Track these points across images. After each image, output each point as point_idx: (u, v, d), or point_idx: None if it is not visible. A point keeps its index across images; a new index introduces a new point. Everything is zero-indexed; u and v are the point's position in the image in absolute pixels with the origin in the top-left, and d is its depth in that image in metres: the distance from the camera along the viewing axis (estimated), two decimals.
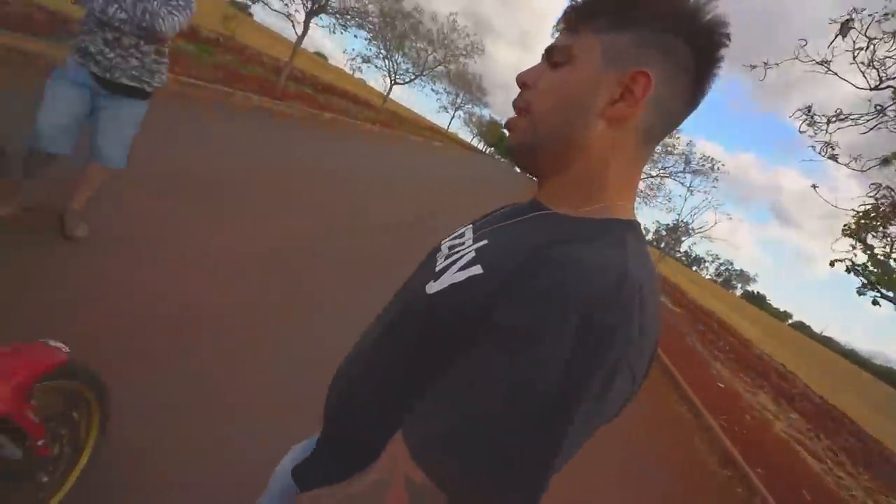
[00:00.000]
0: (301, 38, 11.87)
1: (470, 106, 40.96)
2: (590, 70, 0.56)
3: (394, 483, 0.45)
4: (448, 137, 46.68)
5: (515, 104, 0.61)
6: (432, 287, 0.55)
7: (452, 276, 0.54)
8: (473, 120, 52.60)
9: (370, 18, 13.65)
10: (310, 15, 11.62)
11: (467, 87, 34.28)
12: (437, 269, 0.59)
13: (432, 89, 24.34)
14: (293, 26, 11.95)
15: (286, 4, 11.47)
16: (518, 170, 0.73)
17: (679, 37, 0.53)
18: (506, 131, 0.64)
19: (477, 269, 0.52)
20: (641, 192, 17.87)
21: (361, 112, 18.02)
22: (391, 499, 0.44)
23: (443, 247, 0.69)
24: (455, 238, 0.69)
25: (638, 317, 0.43)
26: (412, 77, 20.11)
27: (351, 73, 18.96)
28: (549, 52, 0.60)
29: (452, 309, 0.51)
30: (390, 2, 13.78)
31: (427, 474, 0.43)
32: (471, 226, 0.72)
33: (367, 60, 17.86)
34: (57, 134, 2.23)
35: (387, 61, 18.31)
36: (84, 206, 2.47)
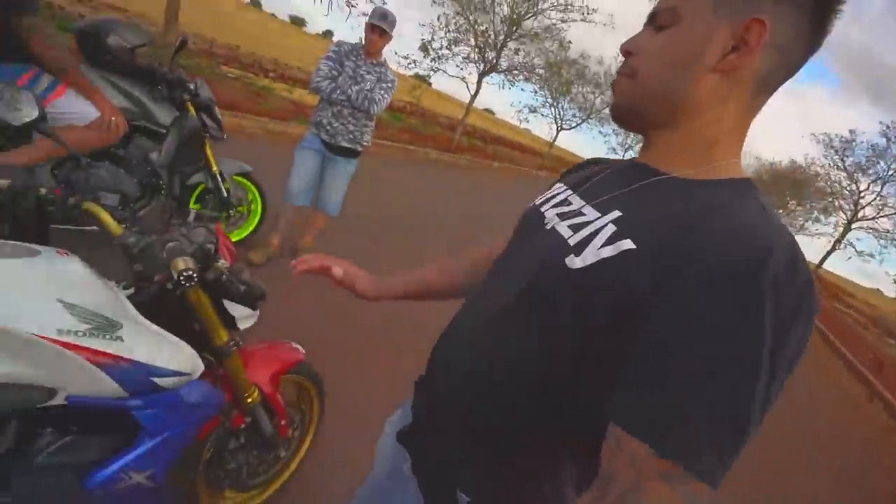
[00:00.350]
0: (474, 97, 13.11)
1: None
2: (699, 26, 0.54)
3: (648, 486, 0.43)
4: None
5: (619, 72, 0.61)
6: (576, 262, 0.53)
7: (599, 252, 0.52)
8: None
9: (536, 71, 14.27)
10: (482, 76, 12.86)
11: None
12: (572, 241, 0.56)
13: (600, 132, 23.75)
14: (467, 87, 13.28)
15: (460, 69, 12.84)
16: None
17: None
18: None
19: (628, 244, 0.51)
20: None
21: (528, 159, 18.67)
22: (652, 500, 0.42)
23: (547, 213, 0.67)
24: (559, 204, 0.67)
25: (811, 276, 0.45)
26: (579, 121, 20.08)
27: (518, 123, 19.84)
28: (653, 17, 0.58)
29: (609, 285, 0.50)
30: (556, 52, 14.20)
31: (683, 466, 0.42)
32: (566, 189, 0.70)
33: (533, 110, 18.56)
34: (303, 191, 3.00)
35: (553, 108, 18.72)
36: (312, 243, 3.20)
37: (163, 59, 2.69)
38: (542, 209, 0.69)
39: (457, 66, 12.73)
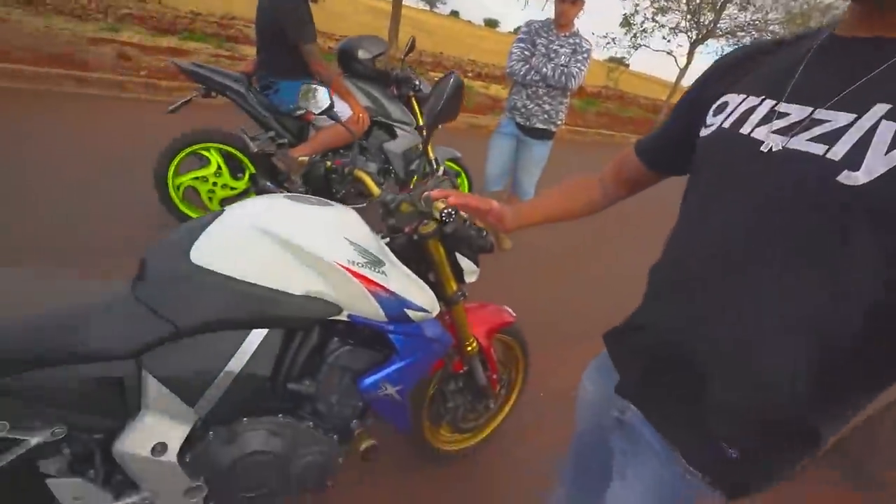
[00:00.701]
0: (683, 70, 11.52)
1: None
2: None
3: None
4: None
5: None
6: (857, 177, 0.45)
7: (887, 158, 0.44)
8: None
9: (771, 28, 11.68)
10: (694, 44, 11.16)
11: None
12: (835, 155, 0.47)
13: None
14: (675, 61, 11.76)
15: (667, 41, 11.43)
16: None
17: None
18: None
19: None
20: None
21: None
22: None
23: (754, 134, 0.56)
24: (768, 120, 0.55)
25: None
26: None
27: None
28: None
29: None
30: (800, 2, 11.34)
31: None
32: (756, 98, 0.58)
33: None
34: (497, 176, 3.08)
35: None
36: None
37: (393, 66, 3.13)
38: (743, 131, 0.57)
39: (663, 37, 11.34)
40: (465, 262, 1.30)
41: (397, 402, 1.12)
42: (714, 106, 0.64)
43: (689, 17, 10.97)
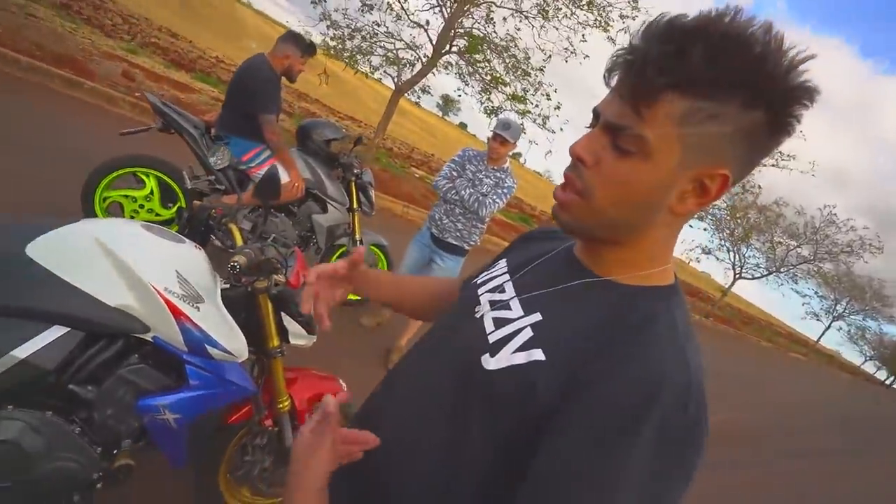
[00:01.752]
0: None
1: (860, 318, 30.92)
2: (665, 169, 0.50)
3: None
4: (815, 351, 35.82)
5: (568, 178, 0.56)
6: (489, 362, 0.55)
7: (511, 357, 0.53)
8: (865, 336, 38.67)
9: (712, 211, 13.38)
10: None
11: (856, 294, 26.57)
12: (491, 338, 0.57)
13: (793, 289, 20.19)
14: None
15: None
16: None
17: (759, 107, 0.46)
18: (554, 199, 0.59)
19: (539, 354, 0.52)
20: None
21: (695, 304, 16.81)
22: None
23: (482, 298, 0.66)
24: (494, 290, 0.66)
25: (705, 411, 0.47)
26: (764, 273, 17.57)
27: (686, 262, 18.33)
28: (615, 131, 0.51)
29: (514, 393, 0.51)
30: (740, 196, 13.17)
31: None
32: (506, 272, 0.69)
33: (707, 252, 17.05)
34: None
35: (731, 254, 16.91)
36: (405, 346, 3.23)
37: (366, 155, 3.50)
38: (479, 291, 0.68)
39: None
40: (293, 326, 1.47)
41: (174, 431, 1.20)
42: (498, 260, 0.77)
43: None
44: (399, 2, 7.32)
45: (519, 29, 7.04)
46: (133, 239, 1.18)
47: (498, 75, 7.21)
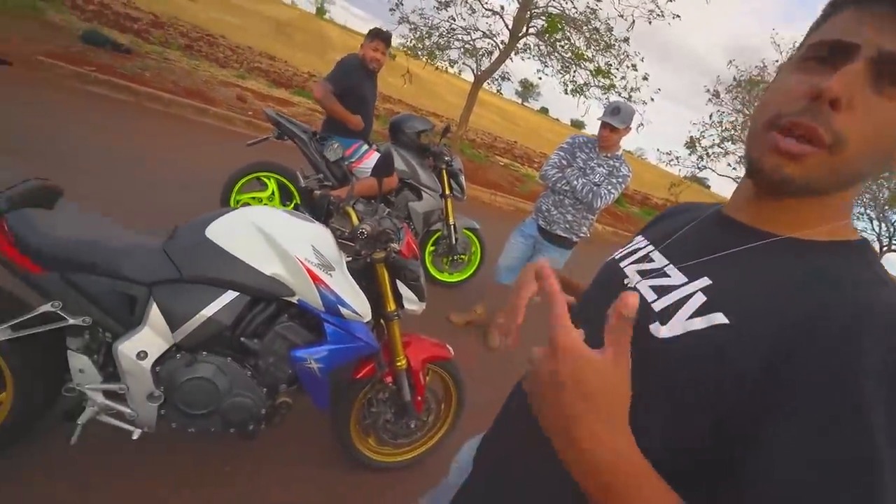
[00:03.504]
0: None
1: None
2: None
3: None
4: None
5: (801, 125, 0.45)
6: (661, 331, 0.49)
7: (687, 323, 0.48)
8: None
9: None
10: None
11: None
12: (656, 307, 0.52)
13: None
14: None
15: (734, 169, 11.57)
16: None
17: None
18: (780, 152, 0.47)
19: (720, 318, 0.46)
20: None
21: None
22: None
23: (627, 270, 0.63)
24: (640, 261, 0.62)
25: None
26: None
27: None
28: (882, 62, 0.42)
29: (697, 360, 0.45)
30: None
31: None
32: (649, 244, 0.65)
33: None
34: (506, 270, 3.00)
35: (876, 223, 14.46)
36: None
37: (452, 147, 3.67)
38: (622, 264, 0.65)
39: (729, 165, 11.56)
40: (407, 293, 1.65)
41: (318, 378, 1.44)
42: (635, 238, 0.73)
43: None
44: None
45: (600, 0, 6.74)
46: (279, 221, 1.44)
47: (579, 51, 6.98)
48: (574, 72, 7.28)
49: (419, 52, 7.84)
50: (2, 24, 6.01)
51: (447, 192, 3.41)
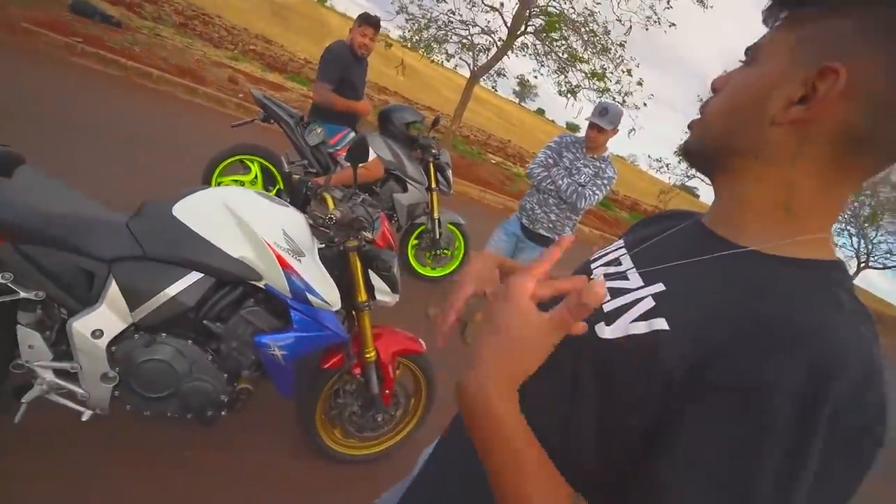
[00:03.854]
0: None
1: None
2: (771, 68, 0.48)
3: None
4: None
5: (701, 107, 0.56)
6: (604, 331, 0.50)
7: (630, 326, 0.48)
8: None
9: None
10: None
11: None
12: (606, 307, 0.53)
13: None
14: None
15: None
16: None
17: None
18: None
19: (662, 324, 0.46)
20: None
21: None
22: None
23: (595, 271, 0.63)
24: (609, 263, 0.63)
25: (884, 415, 0.38)
26: None
27: None
28: (749, 48, 0.53)
29: (633, 363, 0.46)
30: None
31: None
32: (623, 247, 0.64)
33: None
34: None
35: (855, 239, 14.80)
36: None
37: (443, 142, 3.64)
38: (593, 265, 0.66)
39: None
40: (379, 283, 1.63)
41: (282, 366, 1.41)
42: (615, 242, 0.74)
43: None
44: None
45: (599, 3, 6.74)
46: (251, 203, 1.40)
47: (575, 52, 6.98)
48: (568, 72, 7.28)
49: (416, 44, 7.77)
50: None
51: (433, 185, 3.38)
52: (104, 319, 1.25)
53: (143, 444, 1.57)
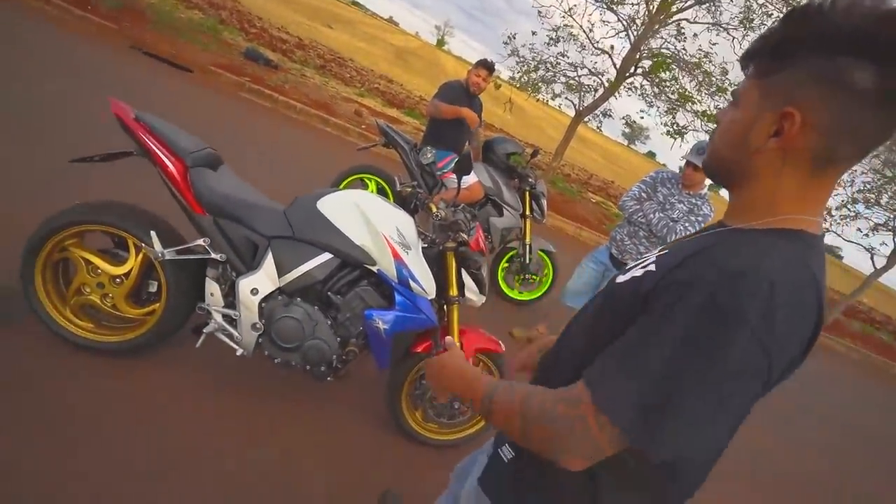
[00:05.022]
0: (880, 272, 9.99)
1: None
2: (749, 110, 0.64)
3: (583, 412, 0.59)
4: None
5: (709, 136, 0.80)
6: (620, 279, 0.72)
7: (634, 272, 0.69)
8: None
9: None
10: None
11: None
12: (627, 268, 0.74)
13: None
14: (871, 259, 10.30)
15: (865, 235, 10.11)
16: None
17: (856, 57, 0.54)
18: None
19: (651, 267, 0.66)
20: None
21: None
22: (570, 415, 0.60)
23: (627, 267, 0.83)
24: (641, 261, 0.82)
25: (761, 304, 0.53)
26: None
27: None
28: (731, 95, 0.72)
29: (628, 293, 0.66)
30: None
31: (611, 420, 0.57)
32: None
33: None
34: (574, 294, 3.07)
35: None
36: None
37: (543, 175, 3.86)
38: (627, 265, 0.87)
39: (859, 229, 10.13)
40: (469, 283, 1.86)
41: (382, 339, 1.69)
42: None
43: None
44: (584, 32, 7.60)
45: (715, 44, 6.56)
46: (374, 204, 1.74)
47: (687, 93, 6.80)
48: (677, 113, 7.09)
49: (525, 85, 8.16)
50: (190, 40, 7.46)
51: (528, 212, 3.58)
52: (260, 281, 1.65)
53: (262, 385, 1.95)
